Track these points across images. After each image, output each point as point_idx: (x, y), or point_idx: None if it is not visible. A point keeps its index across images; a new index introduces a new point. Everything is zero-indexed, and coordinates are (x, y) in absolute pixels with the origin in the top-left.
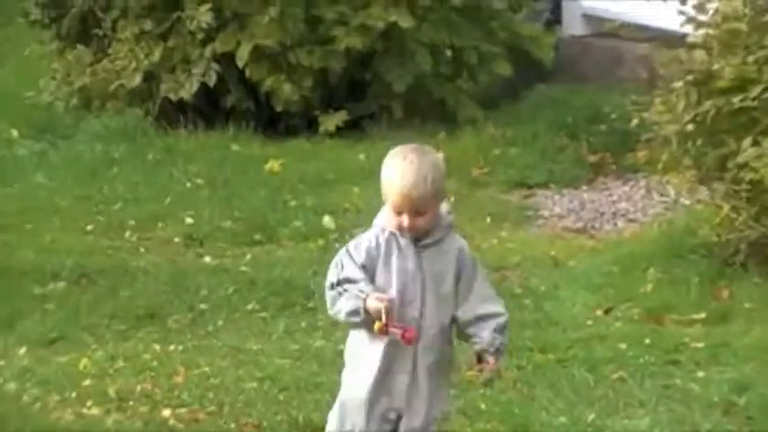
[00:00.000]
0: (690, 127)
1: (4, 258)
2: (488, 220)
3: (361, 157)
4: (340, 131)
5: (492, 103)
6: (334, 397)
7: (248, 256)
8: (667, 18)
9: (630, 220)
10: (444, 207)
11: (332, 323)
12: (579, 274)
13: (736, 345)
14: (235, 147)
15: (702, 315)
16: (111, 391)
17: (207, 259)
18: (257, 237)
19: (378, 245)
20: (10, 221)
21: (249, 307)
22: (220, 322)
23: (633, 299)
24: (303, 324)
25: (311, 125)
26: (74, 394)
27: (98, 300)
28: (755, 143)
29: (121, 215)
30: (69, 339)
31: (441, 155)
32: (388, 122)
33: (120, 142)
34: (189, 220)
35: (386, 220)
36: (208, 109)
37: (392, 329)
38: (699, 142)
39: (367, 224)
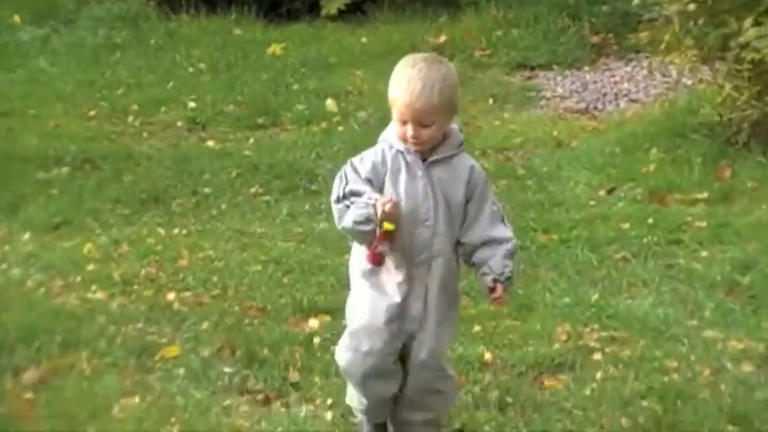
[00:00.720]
0: (691, 7)
1: (7, 144)
2: (491, 101)
3: (363, 40)
4: (342, 15)
5: None
6: (338, 279)
7: (251, 140)
8: None
9: (632, 101)
10: (455, 124)
11: None
12: (582, 154)
13: (739, 224)
14: (237, 31)
15: (705, 194)
16: (116, 275)
17: (210, 143)
18: (260, 120)
19: (384, 160)
20: (13, 106)
21: (252, 190)
22: (224, 206)
23: (636, 179)
24: (307, 207)
25: (313, 9)
26: (78, 279)
27: (102, 184)
28: (757, 23)
29: (124, 100)
30: (73, 224)
31: (453, 67)
32: (390, 5)
33: (123, 27)
34: (192, 105)
35: (392, 135)
36: None
37: (379, 245)
38: (701, 22)
39: (369, 106)
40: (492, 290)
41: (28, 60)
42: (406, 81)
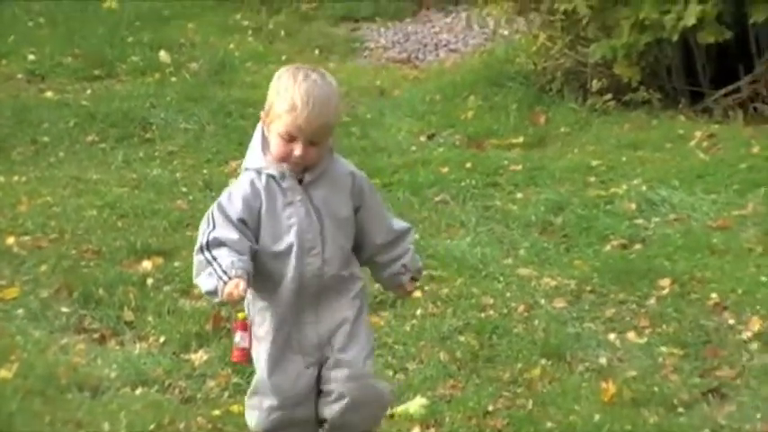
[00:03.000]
0: None
1: None
2: (317, 52)
3: None
4: None
5: None
6: (170, 223)
7: (88, 91)
8: None
9: (452, 51)
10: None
11: (169, 153)
12: (403, 102)
13: (553, 167)
14: None
15: (521, 139)
16: None
17: (49, 94)
18: (97, 72)
19: (255, 192)
20: None
21: (89, 139)
22: (62, 154)
23: (455, 125)
24: (141, 154)
25: None
26: None
27: None
28: None
29: None
30: None
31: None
32: None
33: None
34: (31, 57)
35: (260, 160)
36: None
37: (239, 338)
38: None
39: (201, 58)
40: (401, 285)
41: None
42: (306, 94)
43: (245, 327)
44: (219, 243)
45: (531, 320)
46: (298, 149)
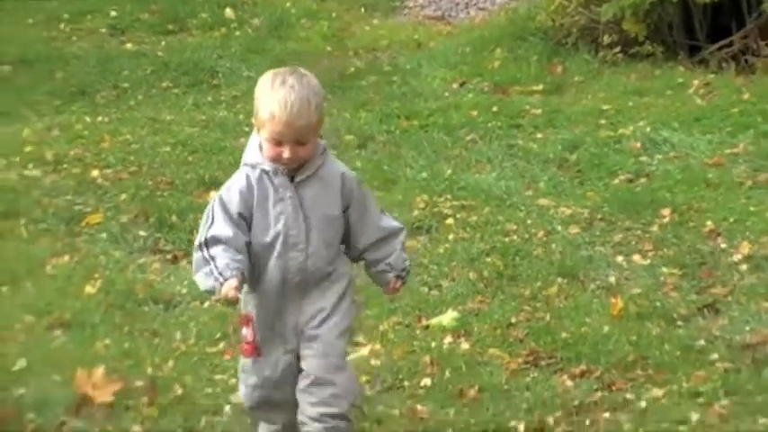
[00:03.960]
0: None
1: None
2: (362, 10)
3: None
4: None
5: None
6: (234, 159)
7: (163, 43)
8: None
9: (481, 9)
10: (320, 139)
11: (233, 97)
12: (438, 54)
13: (569, 111)
14: None
15: (540, 87)
16: (49, 156)
17: (128, 46)
18: (171, 27)
19: (249, 186)
20: None
21: (164, 85)
22: (140, 97)
23: (483, 74)
24: (209, 98)
25: None
26: (17, 159)
27: (37, 81)
28: None
29: (57, 9)
30: (13, 114)
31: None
32: None
33: None
34: (113, 14)
35: (256, 156)
36: None
37: (245, 337)
38: None
39: (261, 14)
40: (387, 283)
41: None
42: (283, 101)
43: (248, 321)
44: (217, 241)
45: (548, 245)
46: (286, 152)
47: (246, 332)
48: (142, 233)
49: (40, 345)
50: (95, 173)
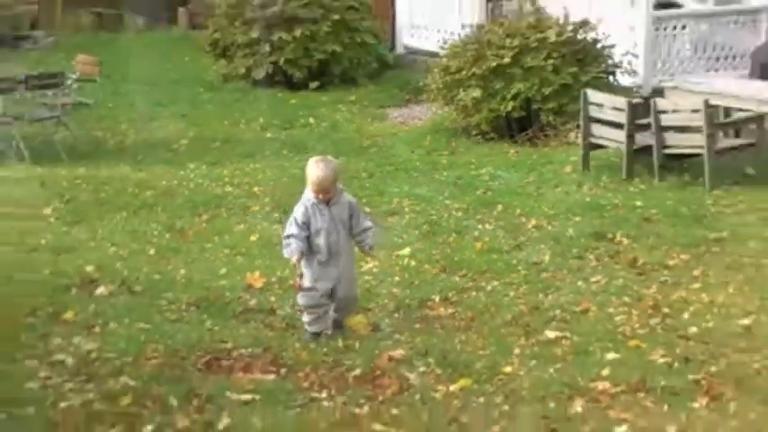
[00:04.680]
0: (441, 84)
1: None
2: (369, 119)
3: None
4: None
5: (374, 75)
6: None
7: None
8: (435, 46)
9: (420, 120)
10: (338, 184)
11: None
12: (402, 138)
13: (458, 162)
14: None
15: (446, 152)
16: None
17: None
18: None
19: (306, 210)
20: None
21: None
22: None
23: (422, 147)
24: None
25: None
26: None
27: None
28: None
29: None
30: None
31: (336, 160)
32: None
33: None
34: None
35: (309, 195)
36: None
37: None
38: (445, 92)
39: (325, 122)
40: (363, 249)
41: None
42: (316, 174)
43: (298, 284)
44: (291, 236)
45: (448, 220)
46: (321, 195)
47: (299, 282)
48: None
49: (230, 263)
50: None
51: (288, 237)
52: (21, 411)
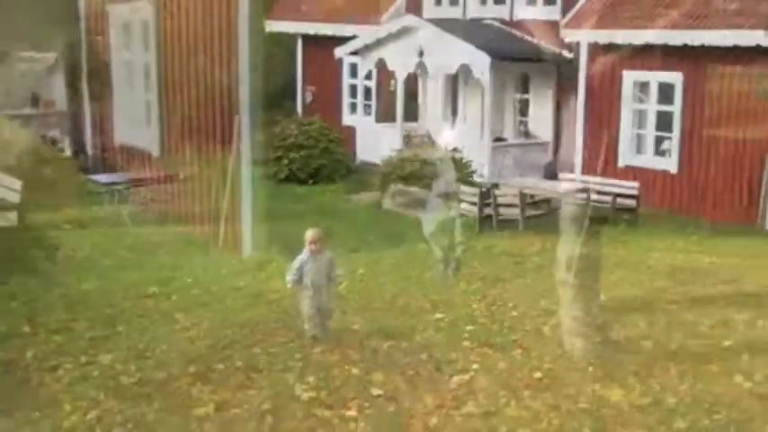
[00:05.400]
0: (379, 182)
1: None
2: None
3: None
4: None
5: (344, 176)
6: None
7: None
8: (378, 160)
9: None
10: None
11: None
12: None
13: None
14: None
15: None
16: None
17: None
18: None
19: (302, 259)
20: None
21: None
22: None
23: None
24: None
25: None
26: None
27: None
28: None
29: None
30: None
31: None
32: None
33: None
34: None
35: (306, 252)
36: None
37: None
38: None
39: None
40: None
41: None
42: (310, 234)
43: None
44: (290, 274)
45: (412, 241)
46: (313, 246)
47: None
48: None
49: None
50: None
51: (288, 273)
52: None
